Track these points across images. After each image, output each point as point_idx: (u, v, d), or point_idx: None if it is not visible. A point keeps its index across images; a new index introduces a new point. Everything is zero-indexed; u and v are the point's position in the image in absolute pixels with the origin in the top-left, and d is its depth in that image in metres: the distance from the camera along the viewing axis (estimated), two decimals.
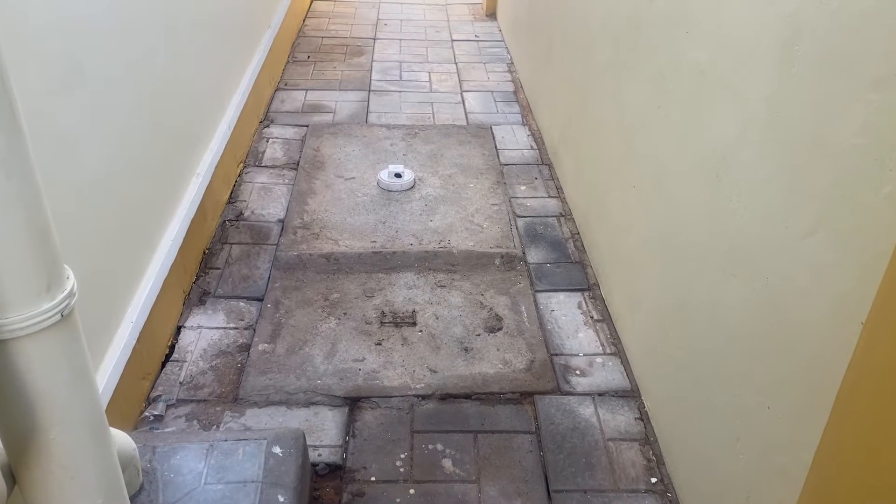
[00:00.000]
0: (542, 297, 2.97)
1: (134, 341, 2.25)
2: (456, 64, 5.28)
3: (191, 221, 2.82)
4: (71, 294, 1.18)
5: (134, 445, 1.85)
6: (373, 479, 2.22)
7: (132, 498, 1.87)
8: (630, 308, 2.61)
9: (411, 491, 2.18)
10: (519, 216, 3.47)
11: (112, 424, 2.11)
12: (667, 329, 2.24)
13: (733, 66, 1.81)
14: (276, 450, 2.04)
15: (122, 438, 1.79)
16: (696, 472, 2.06)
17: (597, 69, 3.03)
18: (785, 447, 1.57)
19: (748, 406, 1.72)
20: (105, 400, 2.06)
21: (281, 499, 1.93)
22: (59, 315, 1.16)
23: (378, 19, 6.17)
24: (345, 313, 2.84)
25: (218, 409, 2.43)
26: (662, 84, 2.28)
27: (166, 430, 2.34)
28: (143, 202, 2.42)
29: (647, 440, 2.36)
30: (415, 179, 3.69)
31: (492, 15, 6.28)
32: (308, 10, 6.25)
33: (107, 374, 2.07)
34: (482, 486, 2.20)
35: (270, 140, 4.10)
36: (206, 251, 3.14)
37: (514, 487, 2.20)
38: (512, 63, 5.27)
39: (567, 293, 2.99)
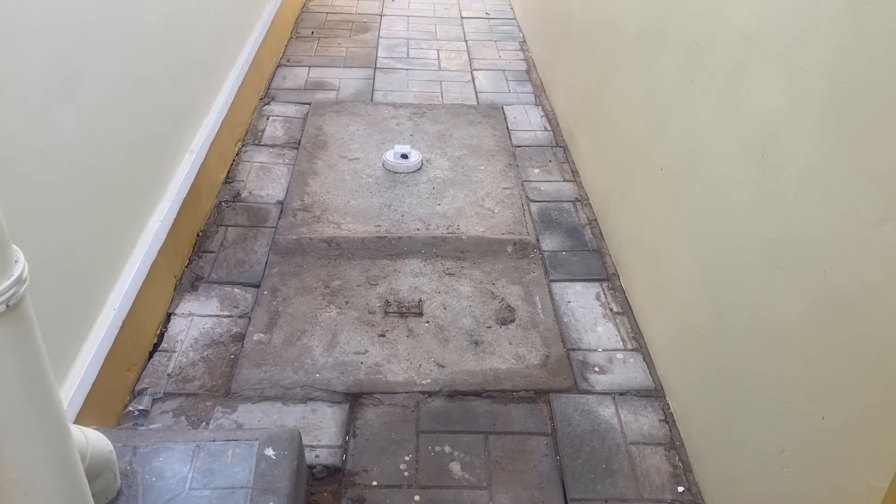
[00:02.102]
0: (557, 287, 2.78)
1: (116, 330, 2.07)
2: (466, 42, 5.06)
3: (183, 201, 2.63)
4: (19, 281, 0.99)
5: (111, 447, 1.67)
6: (374, 483, 2.04)
7: None
8: (654, 300, 2.42)
9: (416, 497, 2.00)
10: (532, 201, 3.27)
11: (92, 420, 1.94)
12: (698, 324, 2.05)
13: (786, 30, 1.61)
14: (269, 452, 1.86)
15: (96, 439, 1.61)
16: (730, 482, 1.87)
17: (621, 42, 2.82)
18: (843, 464, 1.38)
19: (797, 414, 1.53)
20: (83, 394, 1.88)
21: None
22: (4, 305, 0.97)
23: None
24: (346, 302, 2.65)
25: (208, 403, 2.25)
26: (698, 55, 2.07)
27: (151, 426, 2.16)
28: (128, 178, 2.23)
29: (673, 445, 2.17)
30: (422, 161, 3.49)
31: None
32: None
33: (84, 365, 1.89)
34: (493, 493, 2.02)
35: (271, 118, 3.90)
36: (200, 233, 2.95)
37: (528, 495, 2.01)
38: (524, 41, 5.05)
39: (584, 283, 2.80)
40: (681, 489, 2.04)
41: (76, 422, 1.84)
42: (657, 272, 2.38)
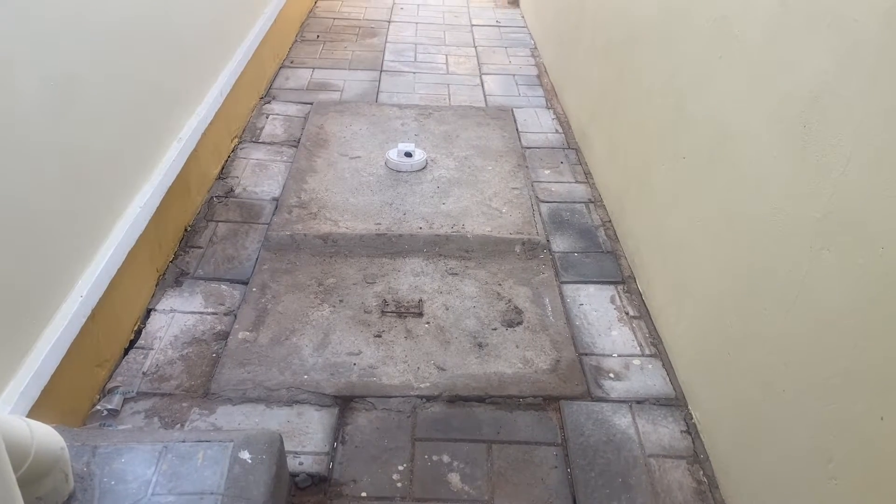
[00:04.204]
0: (568, 289, 2.57)
1: (83, 318, 1.88)
2: (475, 48, 4.91)
3: (168, 189, 2.45)
4: None
5: (62, 444, 1.48)
6: (364, 494, 1.83)
7: None
8: (675, 301, 2.21)
9: None
10: (542, 201, 3.08)
11: (53, 418, 1.73)
12: (726, 322, 1.84)
13: None
14: (245, 455, 1.66)
15: (44, 434, 1.42)
16: (763, 499, 1.65)
17: (639, 30, 2.65)
18: None
19: (849, 416, 1.32)
20: (39, 385, 1.69)
21: None
22: None
23: (394, 3, 5.82)
24: (341, 300, 2.46)
25: (184, 404, 2.05)
26: (727, 28, 1.89)
27: (120, 427, 1.96)
28: (104, 154, 2.05)
29: (697, 458, 1.95)
30: (427, 160, 3.31)
31: (514, 2, 5.91)
32: None
33: (43, 353, 1.70)
34: None
35: (270, 116, 3.73)
36: (189, 228, 2.77)
37: None
38: (535, 48, 4.89)
39: (598, 286, 2.59)
40: None
41: (30, 416, 1.65)
42: (679, 269, 2.18)
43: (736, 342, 1.79)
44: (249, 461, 1.65)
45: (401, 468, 1.89)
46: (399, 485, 1.85)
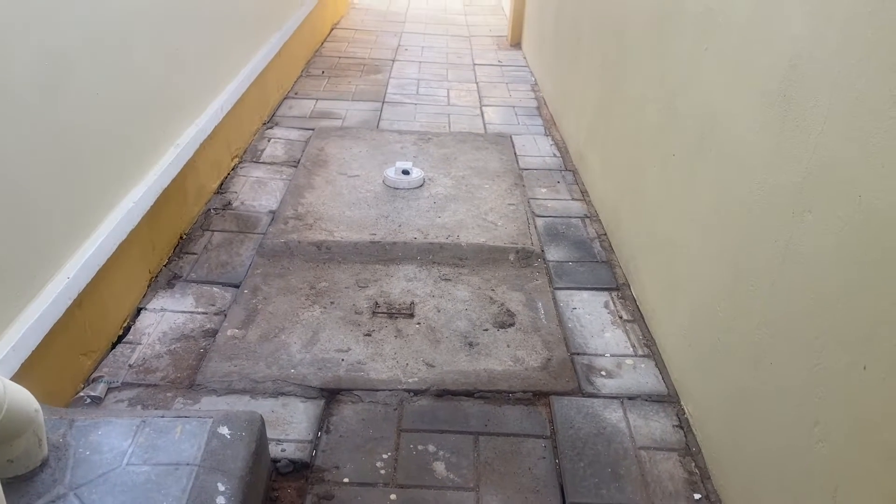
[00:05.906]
0: (562, 294, 2.56)
1: (69, 301, 1.87)
2: (477, 83, 5.00)
3: (163, 192, 2.47)
4: None
5: (36, 406, 1.46)
6: (345, 480, 1.78)
7: (30, 474, 1.47)
8: (668, 299, 2.19)
9: (392, 496, 1.74)
10: (538, 216, 3.09)
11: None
12: (715, 308, 1.82)
13: None
14: (224, 430, 1.64)
15: (16, 392, 1.40)
16: (754, 483, 1.60)
17: (633, 40, 2.70)
18: (892, 418, 1.13)
19: (833, 373, 1.30)
20: (19, 358, 1.68)
21: (221, 487, 1.51)
22: None
23: (399, 45, 5.96)
24: (332, 302, 2.45)
25: (169, 394, 2.03)
26: (711, 19, 1.93)
27: None
28: (98, 144, 2.07)
29: (689, 451, 1.90)
30: (424, 178, 3.34)
31: (517, 45, 6.05)
32: (328, 35, 6.07)
33: (24, 328, 1.69)
34: (482, 495, 1.75)
35: (272, 140, 3.79)
36: (184, 236, 2.79)
37: (521, 498, 1.75)
38: (536, 84, 4.98)
39: (592, 292, 2.57)
40: (697, 497, 1.76)
41: None
42: (671, 266, 2.17)
43: (726, 325, 1.77)
44: (228, 436, 1.62)
45: (385, 456, 1.85)
46: (382, 472, 1.81)
